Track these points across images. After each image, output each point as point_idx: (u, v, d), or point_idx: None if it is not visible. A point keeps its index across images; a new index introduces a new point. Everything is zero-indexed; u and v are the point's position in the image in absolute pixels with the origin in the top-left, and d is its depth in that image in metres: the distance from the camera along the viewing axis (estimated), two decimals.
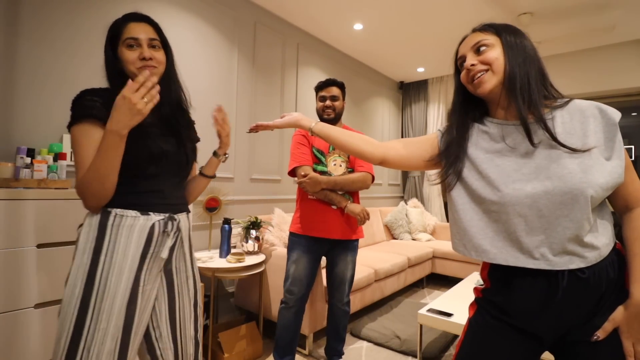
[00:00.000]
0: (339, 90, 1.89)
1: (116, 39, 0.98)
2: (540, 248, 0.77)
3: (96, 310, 0.87)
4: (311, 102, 3.48)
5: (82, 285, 0.88)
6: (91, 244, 0.91)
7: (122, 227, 0.92)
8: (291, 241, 1.88)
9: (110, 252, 0.90)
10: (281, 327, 1.84)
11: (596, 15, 3.00)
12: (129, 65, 0.96)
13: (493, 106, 0.89)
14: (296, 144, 1.85)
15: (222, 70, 2.63)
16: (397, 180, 5.01)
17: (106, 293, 0.88)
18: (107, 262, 0.90)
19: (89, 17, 1.91)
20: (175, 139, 1.04)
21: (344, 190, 1.82)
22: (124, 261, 0.91)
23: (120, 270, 0.90)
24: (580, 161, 0.76)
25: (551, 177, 0.77)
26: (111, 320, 0.88)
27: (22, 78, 1.68)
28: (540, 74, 0.83)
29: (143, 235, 0.94)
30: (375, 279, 2.80)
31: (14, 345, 1.29)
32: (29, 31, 1.70)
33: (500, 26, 0.87)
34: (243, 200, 2.77)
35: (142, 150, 0.94)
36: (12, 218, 1.29)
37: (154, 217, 0.96)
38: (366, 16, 3.10)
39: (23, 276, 1.31)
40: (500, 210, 0.80)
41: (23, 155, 1.53)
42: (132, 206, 0.94)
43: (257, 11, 2.91)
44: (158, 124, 1.02)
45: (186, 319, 1.06)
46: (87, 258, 0.90)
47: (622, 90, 3.57)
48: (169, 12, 2.28)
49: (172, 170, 1.03)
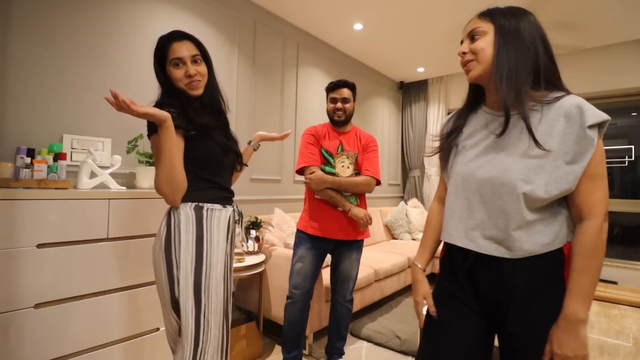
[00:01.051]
0: (350, 91, 1.91)
1: (163, 59, 1.14)
2: (475, 230, 0.84)
3: (206, 288, 1.06)
4: (311, 102, 3.48)
5: (193, 269, 1.05)
6: (192, 235, 1.07)
7: (214, 219, 1.12)
8: (298, 237, 1.91)
9: (209, 239, 1.09)
10: (287, 322, 1.85)
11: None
12: (177, 83, 1.13)
13: (487, 94, 0.91)
14: (305, 144, 1.87)
15: (222, 70, 2.63)
16: (397, 180, 5.01)
17: (211, 273, 1.08)
18: (209, 248, 1.08)
19: (89, 16, 1.91)
20: (229, 139, 1.24)
21: (347, 191, 1.83)
22: (219, 246, 1.11)
23: (217, 254, 1.10)
24: (532, 159, 0.77)
25: (498, 168, 0.81)
26: (218, 294, 1.09)
27: (21, 78, 1.68)
28: (534, 64, 0.80)
29: (225, 224, 1.14)
30: (375, 279, 2.80)
31: (14, 346, 1.29)
32: (28, 30, 1.70)
33: (498, 11, 0.85)
34: (243, 200, 2.77)
35: (218, 151, 1.15)
36: (12, 218, 1.29)
37: (229, 208, 1.18)
38: (366, 16, 3.10)
39: (23, 276, 1.31)
40: (452, 191, 0.91)
41: (23, 155, 1.53)
42: (216, 200, 1.15)
43: (257, 11, 2.91)
44: (216, 125, 1.19)
45: (228, 293, 1.18)
46: (191, 250, 1.06)
47: (622, 90, 3.57)
48: (169, 12, 2.28)
49: (231, 164, 1.24)
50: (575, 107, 0.77)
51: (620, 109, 3.76)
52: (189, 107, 1.13)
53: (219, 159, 1.16)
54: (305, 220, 1.88)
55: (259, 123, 2.93)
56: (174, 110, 1.05)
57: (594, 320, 2.91)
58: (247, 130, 2.81)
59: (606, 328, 2.75)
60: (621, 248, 3.79)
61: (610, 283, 3.54)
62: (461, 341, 0.88)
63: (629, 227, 3.77)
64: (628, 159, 3.70)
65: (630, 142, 3.70)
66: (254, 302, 2.43)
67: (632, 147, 3.68)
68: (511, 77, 0.79)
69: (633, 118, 3.71)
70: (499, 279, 0.82)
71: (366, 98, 4.33)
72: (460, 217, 0.87)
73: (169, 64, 1.12)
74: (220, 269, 1.10)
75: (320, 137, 1.88)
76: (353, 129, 1.95)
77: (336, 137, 1.89)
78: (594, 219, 0.75)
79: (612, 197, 3.79)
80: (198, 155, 1.11)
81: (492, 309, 0.85)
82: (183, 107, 1.10)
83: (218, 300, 1.09)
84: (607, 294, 3.38)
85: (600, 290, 3.42)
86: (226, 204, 1.18)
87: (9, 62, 1.64)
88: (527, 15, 0.83)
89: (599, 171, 0.76)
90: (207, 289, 1.07)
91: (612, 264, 3.60)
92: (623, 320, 2.92)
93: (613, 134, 3.83)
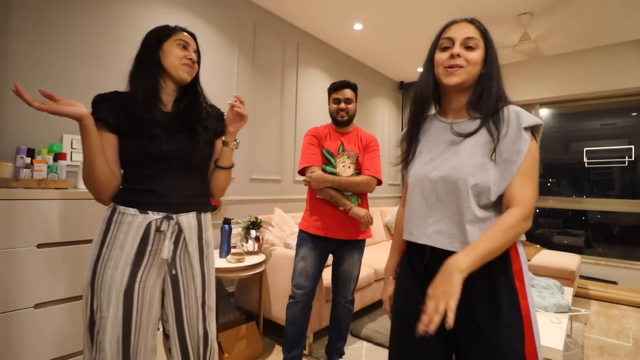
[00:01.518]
0: (353, 92, 1.92)
1: (166, 37, 1.08)
2: (432, 227, 0.90)
3: (99, 300, 0.96)
4: (311, 102, 3.48)
5: (90, 276, 0.98)
6: (99, 237, 1.00)
7: (122, 224, 0.99)
8: (300, 237, 1.91)
9: (110, 245, 0.98)
10: (289, 321, 1.86)
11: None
12: (174, 59, 1.06)
13: (446, 102, 0.98)
14: (307, 144, 1.89)
15: (222, 70, 2.63)
16: (397, 180, 5.01)
17: (104, 284, 0.96)
18: (106, 255, 0.98)
19: (89, 17, 1.91)
20: (188, 135, 1.08)
21: (348, 191, 1.84)
22: (120, 255, 0.98)
23: (115, 264, 0.97)
24: (479, 158, 0.85)
25: (449, 167, 0.88)
26: (109, 310, 0.95)
27: (22, 78, 1.68)
28: (500, 85, 0.92)
29: (139, 233, 0.99)
30: (375, 279, 2.80)
31: (14, 346, 1.29)
32: (28, 31, 1.70)
33: (486, 29, 0.95)
34: (243, 200, 2.77)
35: (142, 151, 1.01)
36: (12, 218, 1.29)
37: (152, 215, 1.01)
38: (366, 16, 3.10)
39: (23, 276, 1.31)
40: (411, 192, 0.96)
41: (23, 155, 1.53)
42: (133, 204, 1.01)
43: (257, 11, 2.91)
44: (173, 122, 1.07)
45: (193, 318, 1.08)
46: (95, 249, 0.99)
47: (622, 90, 3.57)
48: (169, 12, 2.28)
49: (178, 169, 1.06)
50: (513, 112, 0.87)
51: (620, 109, 3.76)
52: (148, 96, 1.03)
53: (145, 160, 1.01)
54: (307, 220, 1.89)
55: (259, 123, 2.93)
56: (106, 104, 1.00)
57: (594, 320, 2.91)
58: (247, 130, 2.81)
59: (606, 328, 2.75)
60: (621, 248, 3.80)
61: (610, 283, 3.54)
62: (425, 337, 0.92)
63: (629, 227, 3.77)
64: (628, 159, 3.70)
65: (630, 142, 3.70)
66: (254, 302, 2.43)
67: (632, 147, 3.68)
68: (490, 96, 0.89)
69: (633, 118, 3.71)
70: None
71: (366, 98, 4.33)
72: (419, 216, 0.93)
73: (171, 42, 1.08)
74: (120, 281, 0.96)
75: (322, 138, 1.90)
76: (355, 129, 1.96)
77: (338, 138, 1.91)
78: (520, 207, 0.81)
79: (612, 197, 3.79)
80: (123, 154, 1.03)
81: None
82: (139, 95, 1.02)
83: (109, 318, 0.95)
84: (607, 294, 3.38)
85: (600, 290, 3.42)
86: (150, 209, 1.01)
87: (9, 62, 1.64)
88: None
89: (530, 171, 0.84)
90: (99, 300, 0.96)
91: (612, 264, 3.60)
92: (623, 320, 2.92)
93: (613, 134, 3.83)
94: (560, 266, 3.01)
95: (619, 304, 3.29)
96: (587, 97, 3.83)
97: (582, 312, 2.08)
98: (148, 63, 1.06)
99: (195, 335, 1.08)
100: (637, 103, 3.64)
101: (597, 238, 3.96)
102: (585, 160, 3.95)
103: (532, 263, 3.08)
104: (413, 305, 0.92)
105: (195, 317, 1.08)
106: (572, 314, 2.15)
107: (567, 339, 2.38)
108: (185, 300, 1.07)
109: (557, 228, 4.21)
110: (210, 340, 1.12)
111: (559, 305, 1.99)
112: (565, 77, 3.84)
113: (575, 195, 4.01)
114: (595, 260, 3.69)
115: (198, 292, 1.09)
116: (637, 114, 3.68)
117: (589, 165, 3.94)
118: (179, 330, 1.06)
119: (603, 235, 3.93)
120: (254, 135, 2.88)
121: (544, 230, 4.27)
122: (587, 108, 3.95)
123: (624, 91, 3.57)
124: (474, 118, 0.91)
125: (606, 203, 3.77)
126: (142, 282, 1.00)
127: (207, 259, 1.13)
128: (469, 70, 0.89)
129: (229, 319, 2.53)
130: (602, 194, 3.89)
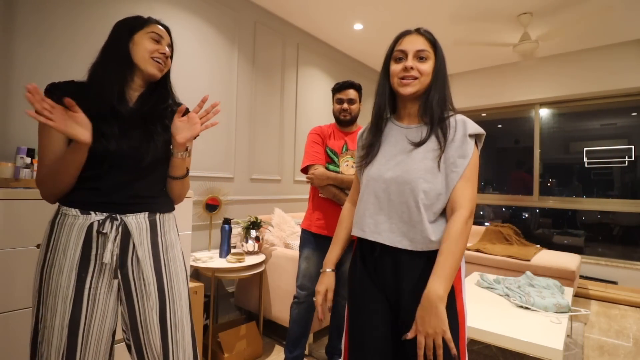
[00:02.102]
0: (356, 92, 1.93)
1: (138, 28, 1.01)
2: (383, 224, 0.95)
3: (44, 306, 0.89)
4: (311, 102, 3.48)
5: (37, 281, 0.91)
6: (44, 240, 0.94)
7: (64, 226, 0.92)
8: (303, 238, 1.91)
9: (53, 249, 0.91)
10: (293, 321, 1.87)
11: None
12: (144, 52, 0.98)
13: (402, 109, 1.05)
14: (311, 143, 1.89)
15: (222, 70, 2.63)
16: None
17: (49, 290, 0.89)
18: (49, 260, 0.91)
19: (90, 17, 1.91)
20: (144, 134, 0.98)
21: (349, 189, 1.84)
22: (63, 260, 0.90)
23: (59, 269, 0.90)
24: (429, 163, 0.92)
25: (402, 169, 0.94)
26: (55, 318, 0.88)
27: (22, 78, 1.68)
28: (447, 93, 0.99)
29: (81, 235, 0.91)
30: None
31: (14, 346, 1.29)
32: (28, 31, 1.70)
33: (435, 40, 1.00)
34: (243, 200, 2.77)
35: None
36: (12, 218, 1.29)
37: (94, 216, 0.92)
38: (366, 16, 3.10)
39: (23, 276, 1.31)
40: (364, 191, 1.02)
41: (23, 155, 1.53)
42: (74, 204, 0.93)
43: (257, 11, 2.91)
44: (131, 119, 0.97)
45: (150, 332, 0.96)
46: (41, 254, 0.93)
47: (622, 90, 3.57)
48: (169, 12, 2.28)
49: (126, 168, 0.96)
50: (460, 121, 0.95)
51: (620, 109, 3.76)
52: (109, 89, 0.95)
53: (90, 159, 0.91)
54: (309, 219, 1.90)
55: (259, 123, 2.93)
56: (59, 94, 0.90)
57: (594, 320, 2.91)
58: (247, 130, 2.81)
59: (606, 328, 2.75)
60: (621, 248, 3.80)
61: (610, 283, 3.53)
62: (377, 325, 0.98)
63: (629, 227, 3.77)
64: (628, 159, 3.70)
65: (630, 142, 3.70)
66: (254, 302, 2.43)
67: (632, 147, 3.68)
68: (439, 103, 0.96)
69: (633, 118, 3.71)
70: (398, 269, 0.94)
71: (366, 98, 4.32)
72: (370, 214, 0.98)
73: (143, 34, 1.00)
74: (66, 287, 0.89)
75: (326, 137, 1.90)
76: (358, 129, 1.97)
77: (341, 137, 1.91)
78: (462, 210, 0.88)
79: (612, 197, 3.79)
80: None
81: (393, 299, 0.96)
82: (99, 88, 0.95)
83: (55, 326, 0.88)
84: (607, 294, 3.37)
85: (600, 290, 3.42)
86: (93, 210, 0.93)
87: (10, 62, 1.64)
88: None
89: (471, 175, 0.92)
90: (44, 307, 0.89)
91: (612, 264, 3.60)
92: (623, 320, 2.92)
93: (613, 134, 3.83)
94: (560, 266, 3.01)
95: (619, 304, 3.29)
96: (587, 97, 3.83)
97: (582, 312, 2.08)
98: (116, 54, 0.97)
99: (153, 352, 0.97)
100: (637, 103, 3.64)
101: (597, 238, 3.96)
102: (585, 160, 3.95)
103: (532, 263, 3.09)
104: (364, 299, 1.00)
105: (154, 332, 0.96)
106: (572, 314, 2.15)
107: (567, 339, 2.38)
108: (139, 312, 0.96)
109: (557, 228, 4.21)
110: (170, 355, 0.98)
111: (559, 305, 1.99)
112: (565, 77, 3.84)
113: (575, 195, 4.01)
114: (595, 260, 3.69)
115: (152, 302, 0.96)
116: (637, 114, 3.68)
117: (589, 165, 3.94)
118: (135, 343, 0.98)
119: (603, 235, 3.93)
120: (254, 135, 2.88)
121: (544, 230, 4.27)
122: (587, 108, 3.95)
123: (624, 91, 3.57)
124: (425, 124, 0.98)
125: (606, 203, 3.77)
126: (92, 289, 0.91)
127: (167, 266, 1.01)
128: (422, 81, 0.96)
129: (229, 319, 2.53)
130: (602, 194, 3.89)
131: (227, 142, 2.66)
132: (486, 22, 3.17)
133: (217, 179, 2.57)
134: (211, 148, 2.54)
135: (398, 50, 1.01)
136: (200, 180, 2.44)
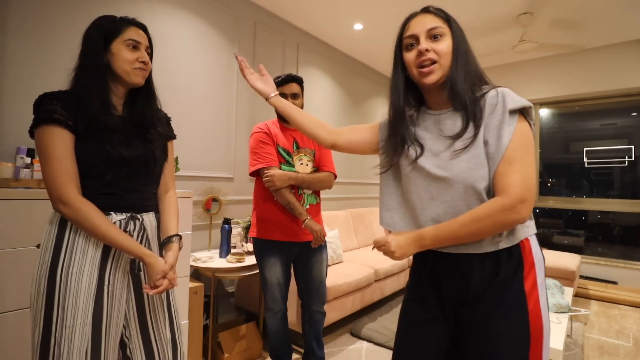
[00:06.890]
0: (299, 87, 1.80)
1: (114, 36, 0.98)
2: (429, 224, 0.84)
3: (61, 308, 0.89)
4: (311, 102, 3.48)
5: (46, 283, 0.90)
6: (52, 241, 0.93)
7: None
8: (259, 247, 1.78)
9: (69, 249, 0.92)
10: (272, 333, 1.83)
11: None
12: (124, 64, 0.97)
13: (429, 96, 0.93)
14: (259, 143, 1.72)
15: (222, 70, 2.63)
16: None
17: (68, 291, 0.89)
18: (66, 260, 0.91)
19: (90, 17, 1.88)
20: (143, 140, 1.03)
21: (310, 188, 1.77)
22: (84, 259, 0.92)
23: (80, 269, 0.91)
24: (469, 153, 0.80)
25: (441, 164, 0.83)
26: (77, 318, 0.89)
27: (22, 78, 1.68)
28: (474, 68, 0.86)
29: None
30: (375, 279, 2.80)
31: (14, 346, 1.29)
32: (28, 31, 1.70)
33: (447, 14, 0.89)
34: (243, 200, 2.77)
35: (105, 157, 0.95)
36: (12, 218, 1.29)
37: (115, 216, 0.97)
38: (366, 16, 3.10)
39: (23, 276, 1.31)
40: (407, 189, 0.91)
41: (23, 155, 1.53)
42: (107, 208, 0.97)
43: (257, 11, 2.91)
44: (127, 127, 1.01)
45: (159, 320, 1.04)
46: (48, 255, 0.92)
47: (622, 90, 3.57)
48: (168, 12, 2.28)
49: (137, 173, 1.02)
50: (499, 95, 0.79)
51: (620, 109, 3.76)
52: (101, 99, 0.96)
53: (108, 166, 0.96)
54: (262, 227, 1.75)
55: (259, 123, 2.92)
56: (56, 103, 0.90)
57: (594, 320, 2.91)
58: (247, 130, 2.81)
59: (606, 328, 2.75)
60: (621, 248, 3.80)
61: (610, 283, 3.54)
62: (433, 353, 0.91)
63: (629, 227, 3.77)
64: (628, 159, 3.70)
65: (630, 142, 3.70)
66: (254, 302, 2.43)
67: (632, 147, 3.68)
68: (467, 83, 0.83)
69: (633, 118, 3.71)
70: (460, 276, 0.83)
71: (366, 98, 4.33)
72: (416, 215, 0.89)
73: (121, 42, 0.97)
74: (88, 286, 0.92)
75: (274, 136, 1.75)
76: None
77: (289, 135, 1.79)
78: (502, 197, 0.75)
79: (612, 197, 3.79)
80: (82, 158, 0.94)
81: (455, 310, 0.87)
82: (92, 99, 0.94)
83: (76, 325, 0.89)
84: (607, 294, 3.37)
85: (600, 290, 3.42)
86: (113, 211, 0.98)
87: (9, 62, 1.64)
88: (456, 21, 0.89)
89: (517, 155, 0.76)
90: (61, 308, 0.89)
91: (612, 264, 3.60)
92: (623, 320, 2.92)
93: (613, 134, 3.83)
94: (560, 266, 3.01)
95: (619, 304, 3.29)
96: (587, 97, 3.83)
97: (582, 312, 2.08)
98: (96, 67, 0.96)
99: (162, 339, 1.03)
100: (637, 103, 3.64)
101: (597, 238, 3.96)
102: (585, 160, 3.95)
103: None
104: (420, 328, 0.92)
105: (162, 320, 1.04)
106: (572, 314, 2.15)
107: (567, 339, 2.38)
108: (148, 303, 1.02)
109: (557, 228, 4.21)
110: (179, 344, 1.06)
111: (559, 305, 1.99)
112: (565, 77, 3.84)
113: (575, 195, 4.01)
114: (595, 260, 3.69)
115: (163, 295, 1.05)
116: (637, 114, 3.68)
117: (589, 165, 3.94)
118: (143, 334, 1.01)
119: (603, 235, 3.93)
120: None
121: (544, 230, 4.27)
122: (587, 108, 3.95)
123: (624, 91, 3.57)
124: (456, 109, 0.85)
125: (606, 203, 3.77)
126: (110, 286, 0.95)
127: None
128: (443, 64, 0.84)
129: (229, 319, 2.53)
130: (602, 194, 3.89)
131: (227, 142, 2.66)
132: (486, 23, 3.17)
133: (217, 179, 2.57)
134: (211, 148, 2.54)
135: (407, 36, 0.88)
136: (200, 180, 2.44)
